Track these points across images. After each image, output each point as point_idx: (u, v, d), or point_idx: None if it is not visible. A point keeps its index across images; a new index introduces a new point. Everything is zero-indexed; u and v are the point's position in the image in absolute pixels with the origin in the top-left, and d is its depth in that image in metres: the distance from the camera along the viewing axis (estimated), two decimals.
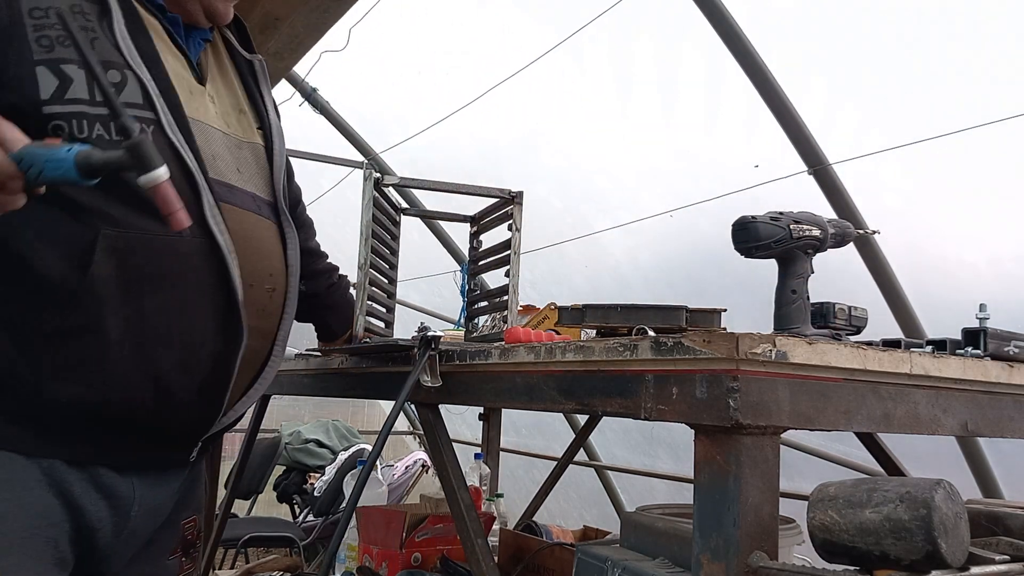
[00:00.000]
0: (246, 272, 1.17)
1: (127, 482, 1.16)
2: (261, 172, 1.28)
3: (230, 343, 1.15)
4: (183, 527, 1.29)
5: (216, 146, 1.19)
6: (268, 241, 1.25)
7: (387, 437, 1.24)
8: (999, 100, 2.31)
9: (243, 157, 1.24)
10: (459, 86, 3.66)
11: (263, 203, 1.26)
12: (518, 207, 1.64)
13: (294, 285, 1.30)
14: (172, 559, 1.29)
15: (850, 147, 2.70)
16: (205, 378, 1.15)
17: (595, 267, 4.05)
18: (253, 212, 1.22)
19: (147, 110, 1.08)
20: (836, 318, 1.32)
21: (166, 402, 1.13)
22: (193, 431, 1.21)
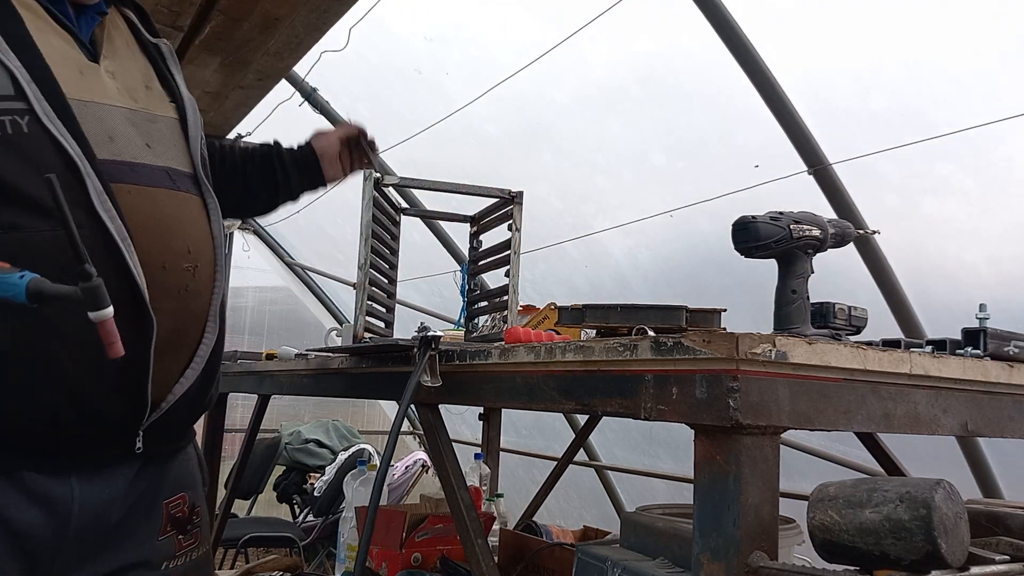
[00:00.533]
0: (155, 253, 1.12)
1: (64, 483, 1.13)
2: (178, 145, 1.24)
3: (139, 332, 1.09)
4: (167, 506, 1.27)
5: (115, 123, 1.15)
6: (186, 216, 1.20)
7: (396, 440, 1.24)
8: (999, 100, 2.32)
9: (156, 131, 1.20)
10: (459, 86, 3.66)
11: (181, 176, 1.21)
12: (518, 207, 1.64)
13: (222, 257, 1.25)
14: (164, 539, 1.26)
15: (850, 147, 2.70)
16: (119, 372, 1.10)
17: (595, 267, 4.04)
18: (166, 187, 1.17)
19: (18, 100, 1.04)
20: (836, 318, 1.32)
21: (80, 403, 1.10)
22: (124, 425, 1.17)
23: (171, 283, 1.15)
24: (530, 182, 3.18)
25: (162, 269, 1.13)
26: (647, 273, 3.83)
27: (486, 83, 3.52)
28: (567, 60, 3.18)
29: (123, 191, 1.10)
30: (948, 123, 2.43)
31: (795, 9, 2.59)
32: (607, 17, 2.90)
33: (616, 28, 2.94)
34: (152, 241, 1.12)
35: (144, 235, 1.11)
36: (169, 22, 2.28)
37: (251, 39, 2.42)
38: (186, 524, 1.31)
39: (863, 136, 2.66)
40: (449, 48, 3.61)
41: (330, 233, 5.62)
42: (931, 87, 2.48)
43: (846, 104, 2.69)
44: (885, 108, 2.59)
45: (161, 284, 1.13)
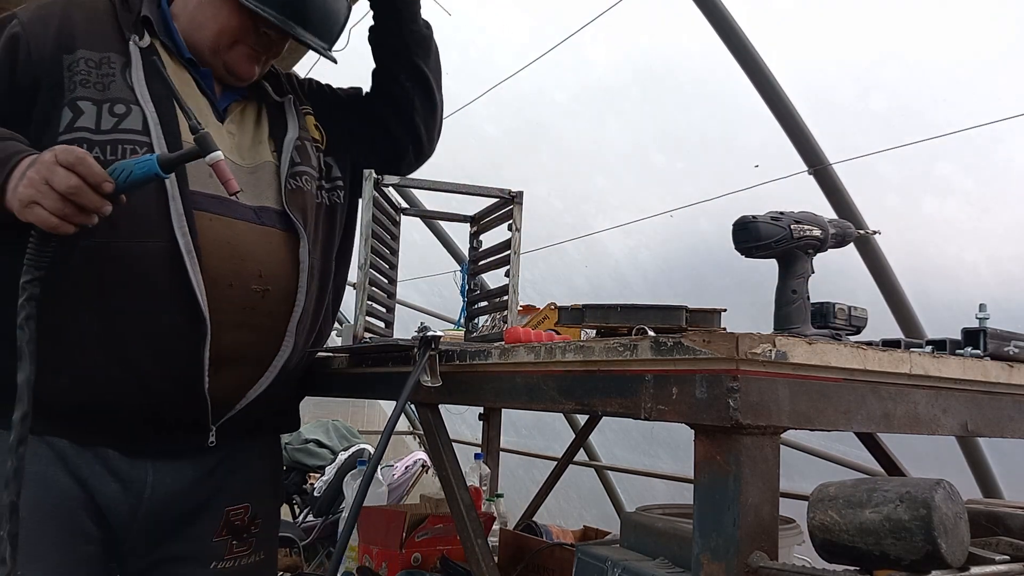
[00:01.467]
0: (223, 271, 1.31)
1: (141, 466, 1.31)
2: (273, 186, 1.44)
3: (194, 333, 1.28)
4: (228, 513, 1.42)
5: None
6: (263, 246, 1.38)
7: (389, 439, 1.25)
8: (999, 100, 2.32)
9: (254, 180, 1.41)
10: (459, 86, 3.66)
11: (269, 212, 1.41)
12: (518, 207, 1.64)
13: (306, 282, 1.42)
14: (218, 541, 1.40)
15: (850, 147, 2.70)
16: (179, 367, 1.28)
17: (595, 267, 4.04)
18: (249, 221, 1.37)
19: (143, 135, 1.28)
20: (836, 318, 1.32)
21: (148, 392, 1.27)
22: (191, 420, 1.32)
23: (237, 299, 1.33)
24: (530, 182, 3.18)
25: (229, 287, 1.32)
26: (647, 273, 3.83)
27: (486, 83, 3.52)
28: (567, 60, 3.18)
29: (204, 217, 1.31)
30: (948, 123, 2.43)
31: (795, 9, 2.59)
32: (607, 17, 2.90)
33: (616, 28, 2.94)
34: (222, 262, 1.31)
35: (215, 256, 1.30)
36: None
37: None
38: (243, 532, 1.44)
39: (863, 136, 2.66)
40: (449, 48, 3.60)
41: None
42: (931, 87, 2.48)
43: (846, 104, 2.69)
44: (885, 108, 2.59)
45: (227, 299, 1.32)
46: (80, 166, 1.10)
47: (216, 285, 1.29)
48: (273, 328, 1.39)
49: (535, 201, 2.79)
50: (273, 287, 1.38)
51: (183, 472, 1.35)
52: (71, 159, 1.10)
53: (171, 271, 1.26)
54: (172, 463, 1.34)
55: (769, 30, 2.61)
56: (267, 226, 1.40)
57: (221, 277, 1.31)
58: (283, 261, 1.41)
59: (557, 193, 3.89)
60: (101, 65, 1.30)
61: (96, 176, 1.11)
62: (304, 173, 1.49)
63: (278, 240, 1.41)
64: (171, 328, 1.27)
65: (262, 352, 1.39)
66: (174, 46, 1.41)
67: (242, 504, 1.43)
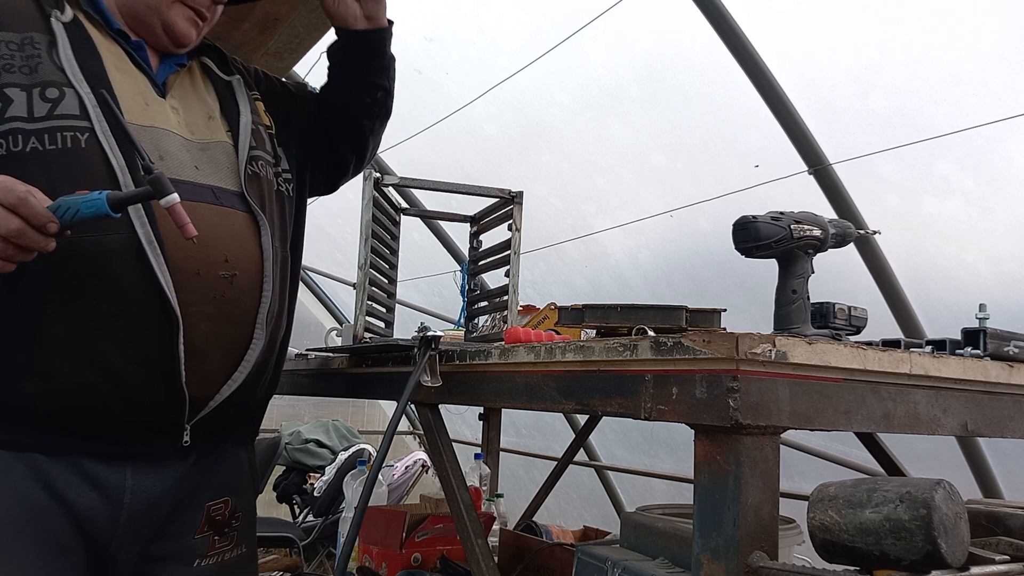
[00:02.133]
0: (188, 259, 1.25)
1: (118, 471, 1.25)
2: (228, 166, 1.36)
3: (168, 326, 1.22)
4: (209, 508, 1.37)
5: (168, 145, 1.29)
6: (226, 228, 1.32)
7: (391, 440, 1.25)
8: (999, 100, 2.31)
9: (206, 156, 1.34)
10: (459, 86, 3.66)
11: (227, 193, 1.34)
12: (518, 207, 1.64)
13: (271, 269, 1.36)
14: (200, 537, 1.36)
15: (850, 147, 2.70)
16: (154, 363, 1.23)
17: (595, 267, 4.04)
18: (208, 202, 1.30)
19: (82, 119, 1.21)
20: (836, 318, 1.32)
21: (124, 392, 1.22)
22: (169, 418, 1.27)
23: (206, 288, 1.27)
24: (530, 182, 3.18)
25: (196, 275, 1.26)
26: (647, 273, 3.82)
27: (486, 83, 3.52)
28: (567, 60, 3.18)
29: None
30: (948, 123, 2.43)
31: (795, 9, 2.59)
32: (607, 17, 2.90)
33: (616, 28, 2.94)
34: (187, 249, 1.24)
35: (179, 244, 1.22)
36: None
37: (251, 39, 2.42)
38: (224, 527, 1.40)
39: (863, 136, 2.65)
40: (449, 48, 3.60)
41: (330, 233, 5.62)
42: (931, 87, 2.48)
43: (846, 104, 2.68)
44: (885, 108, 2.59)
45: (196, 288, 1.25)
46: (22, 207, 1.05)
47: (182, 274, 1.24)
48: (242, 316, 1.33)
49: (535, 201, 2.79)
50: (240, 271, 1.31)
51: (162, 473, 1.30)
52: (12, 200, 1.05)
53: (135, 265, 1.20)
54: (150, 466, 1.29)
55: (769, 30, 2.61)
56: (226, 207, 1.33)
57: (187, 265, 1.25)
58: (246, 243, 1.34)
59: (557, 193, 3.89)
60: (24, 46, 1.21)
61: (39, 217, 1.06)
62: (260, 158, 1.43)
63: (240, 221, 1.34)
64: (141, 324, 1.22)
65: (234, 342, 1.33)
66: (101, 18, 1.32)
67: (222, 499, 1.39)
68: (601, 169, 3.63)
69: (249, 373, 1.34)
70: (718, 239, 3.13)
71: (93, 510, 1.23)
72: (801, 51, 2.66)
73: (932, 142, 2.48)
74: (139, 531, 1.29)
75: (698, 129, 3.13)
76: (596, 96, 3.33)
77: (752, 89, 2.69)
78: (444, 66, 3.66)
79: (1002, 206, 2.54)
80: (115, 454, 1.25)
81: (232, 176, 1.36)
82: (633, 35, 2.97)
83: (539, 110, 3.58)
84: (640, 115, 3.27)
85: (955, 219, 2.67)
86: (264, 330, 1.35)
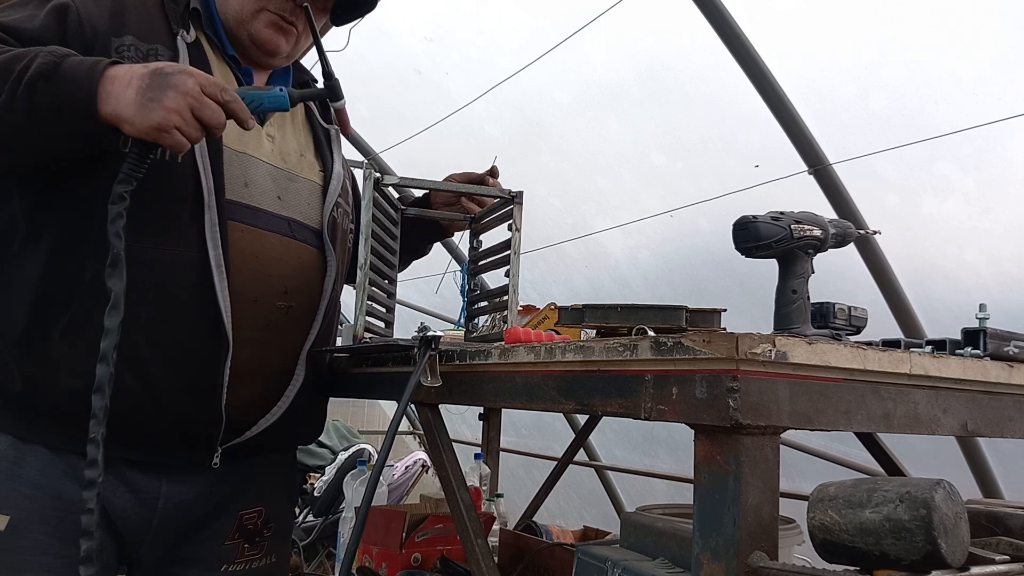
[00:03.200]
0: (249, 286, 1.28)
1: (154, 478, 1.28)
2: (313, 205, 1.43)
3: (216, 347, 1.25)
4: (241, 516, 1.39)
5: (255, 174, 1.33)
6: (292, 261, 1.36)
7: (393, 440, 1.25)
8: (999, 100, 2.31)
9: (292, 189, 1.39)
10: (459, 86, 3.66)
11: (304, 228, 1.39)
12: (518, 207, 1.64)
13: (325, 309, 1.40)
14: (229, 544, 1.38)
15: (850, 147, 2.70)
16: (193, 378, 1.24)
17: (595, 267, 4.04)
18: (282, 234, 1.35)
19: None
20: (836, 318, 1.32)
21: (157, 397, 1.23)
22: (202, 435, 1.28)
23: (260, 315, 1.31)
24: (530, 182, 3.18)
25: (253, 302, 1.30)
26: (647, 273, 3.82)
27: (486, 83, 3.52)
28: (567, 60, 3.18)
29: (236, 228, 1.28)
30: (948, 123, 2.43)
31: (795, 9, 2.59)
32: (607, 17, 2.90)
33: (616, 28, 2.94)
34: (249, 275, 1.28)
35: (243, 268, 1.27)
36: None
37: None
38: (255, 536, 1.42)
39: (863, 136, 2.65)
40: (449, 48, 3.60)
41: None
42: (931, 87, 2.48)
43: (846, 104, 2.68)
44: (885, 108, 2.59)
45: (250, 314, 1.29)
46: (233, 104, 1.12)
47: (240, 300, 1.27)
48: (289, 348, 1.37)
49: (535, 201, 2.79)
50: (297, 304, 1.35)
51: (198, 481, 1.33)
52: (223, 96, 1.11)
53: (196, 283, 1.22)
54: (184, 473, 1.31)
55: (769, 30, 2.61)
56: (298, 240, 1.37)
57: (246, 292, 1.28)
58: (310, 279, 1.39)
59: (557, 193, 3.89)
60: (148, 56, 1.25)
61: (243, 114, 1.13)
62: (341, 207, 1.49)
63: (308, 257, 1.39)
64: (189, 340, 1.24)
65: (276, 373, 1.35)
66: (218, 41, 1.38)
67: (256, 508, 1.41)
68: (601, 169, 3.63)
69: (287, 409, 1.35)
70: (718, 239, 3.13)
71: (127, 511, 1.26)
72: (801, 51, 2.66)
73: (932, 142, 2.48)
74: (169, 534, 1.31)
75: (698, 129, 3.13)
76: (596, 96, 3.33)
77: (752, 89, 2.69)
78: (444, 66, 3.66)
79: (1002, 206, 2.54)
80: (150, 463, 1.27)
81: (313, 212, 1.42)
82: (633, 35, 2.97)
83: (539, 110, 3.58)
84: (640, 115, 3.27)
85: (955, 219, 2.67)
86: (303, 367, 1.38)
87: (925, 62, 2.45)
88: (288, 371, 1.37)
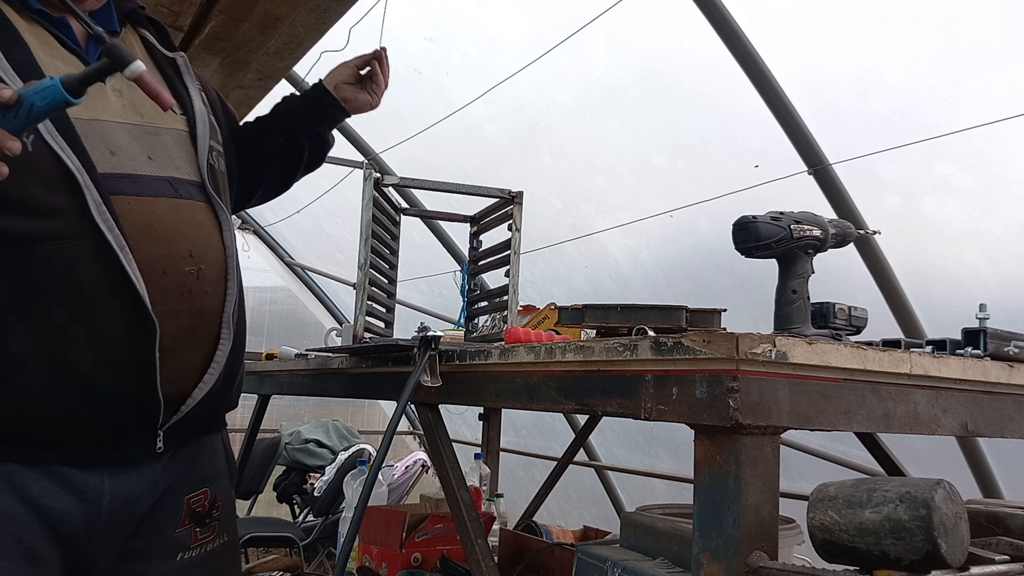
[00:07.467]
0: (155, 259, 1.19)
1: (95, 476, 1.21)
2: (185, 155, 1.30)
3: (143, 332, 1.18)
4: (189, 501, 1.34)
5: (117, 138, 1.21)
6: (187, 221, 1.26)
7: (391, 440, 1.25)
8: (999, 100, 2.31)
9: (159, 143, 1.26)
10: (459, 86, 3.66)
11: (185, 184, 1.28)
12: (518, 207, 1.64)
13: (233, 265, 1.32)
14: (181, 531, 1.33)
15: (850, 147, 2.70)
16: (129, 370, 1.18)
17: (595, 267, 4.04)
18: (167, 196, 1.24)
19: None
20: (836, 318, 1.32)
21: (95, 400, 1.17)
22: (143, 423, 1.23)
23: (173, 286, 1.22)
24: (530, 182, 3.18)
25: (163, 274, 1.20)
26: (647, 273, 3.82)
27: (486, 83, 3.52)
28: (567, 60, 3.18)
29: (122, 202, 1.17)
30: (948, 123, 2.43)
31: (795, 9, 2.59)
32: (607, 17, 2.90)
33: (616, 28, 2.94)
34: (151, 248, 1.19)
35: (143, 242, 1.18)
36: (169, 22, 2.28)
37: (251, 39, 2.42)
38: (204, 518, 1.37)
39: (863, 136, 2.65)
40: (449, 48, 3.60)
41: (330, 233, 5.62)
42: (931, 87, 2.48)
43: (846, 104, 2.68)
44: (885, 108, 2.59)
45: (164, 288, 1.20)
46: None
47: (150, 273, 1.18)
48: (210, 311, 1.28)
49: (535, 201, 2.78)
50: (205, 265, 1.26)
51: (140, 473, 1.26)
52: None
53: (101, 269, 1.14)
54: (126, 467, 1.25)
55: (769, 30, 2.61)
56: (185, 199, 1.26)
57: (153, 266, 1.19)
58: (209, 235, 1.29)
59: (557, 193, 3.89)
60: None
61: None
62: (215, 149, 1.36)
63: (200, 213, 1.28)
64: (113, 330, 1.17)
65: (203, 338, 1.28)
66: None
67: (200, 490, 1.35)
68: (601, 169, 3.63)
69: (220, 374, 1.29)
70: (718, 239, 3.13)
71: (70, 515, 1.19)
72: (801, 51, 2.66)
73: (932, 142, 2.48)
74: (118, 531, 1.26)
75: (698, 129, 3.13)
76: (596, 96, 3.33)
77: (752, 89, 2.69)
78: (444, 66, 3.66)
79: (1002, 206, 2.54)
80: (90, 460, 1.21)
81: (188, 165, 1.29)
82: (633, 35, 2.98)
83: (539, 110, 3.58)
84: (640, 115, 3.27)
85: (955, 219, 2.67)
86: (230, 329, 1.30)
87: (925, 62, 2.45)
88: (214, 336, 1.29)
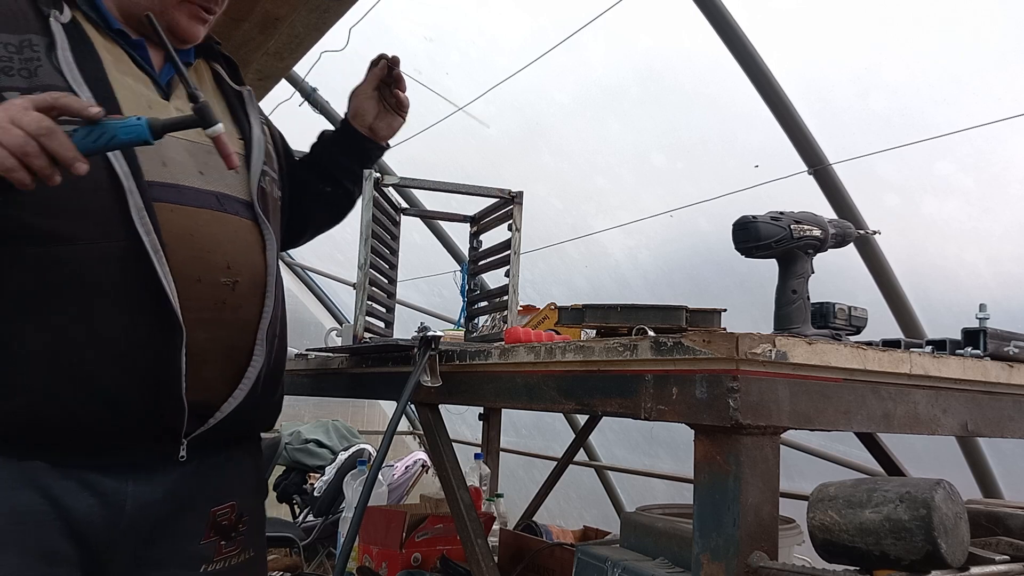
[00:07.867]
0: (190, 267, 1.22)
1: (119, 479, 1.22)
2: (237, 175, 1.34)
3: (167, 337, 1.19)
4: (214, 514, 1.34)
5: (171, 152, 1.26)
6: (228, 235, 1.29)
7: (391, 440, 1.24)
8: (999, 100, 2.31)
9: (213, 161, 1.28)
10: (459, 86, 3.66)
11: (232, 200, 1.32)
12: (518, 207, 1.64)
13: (272, 284, 1.34)
14: (205, 543, 1.33)
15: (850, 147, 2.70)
16: (150, 374, 1.19)
17: (595, 267, 4.04)
18: (212, 208, 1.28)
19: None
20: (836, 318, 1.32)
21: (113, 405, 1.18)
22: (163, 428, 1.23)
23: (206, 295, 1.25)
24: (530, 182, 3.18)
25: (196, 282, 1.23)
26: (647, 273, 3.82)
27: (486, 83, 3.52)
28: (567, 60, 3.18)
29: (165, 209, 1.21)
30: (948, 123, 2.43)
31: (795, 9, 2.59)
32: (607, 17, 2.90)
33: (616, 28, 2.94)
34: (187, 254, 1.22)
35: (180, 249, 1.21)
36: None
37: (251, 39, 2.43)
38: (230, 531, 1.37)
39: (863, 136, 2.65)
40: (449, 48, 3.60)
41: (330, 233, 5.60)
42: (931, 87, 2.48)
43: (846, 104, 2.68)
44: (885, 108, 2.59)
45: (196, 295, 1.23)
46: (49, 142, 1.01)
47: (184, 281, 1.21)
48: (243, 325, 1.30)
49: (535, 201, 2.78)
50: (242, 279, 1.29)
51: (165, 478, 1.27)
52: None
53: (134, 273, 1.16)
54: (150, 471, 1.26)
55: (769, 30, 2.61)
56: (229, 213, 1.31)
57: (188, 273, 1.22)
58: (249, 251, 1.32)
59: (557, 193, 3.89)
60: (23, 49, 1.17)
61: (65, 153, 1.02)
62: (268, 175, 1.42)
63: (243, 229, 1.32)
64: (137, 334, 1.18)
65: (233, 352, 1.29)
66: (100, 18, 1.28)
67: (227, 503, 1.36)
68: (601, 169, 3.63)
69: (251, 390, 1.30)
70: (718, 239, 3.13)
71: (92, 516, 1.20)
72: (801, 51, 2.66)
73: (932, 142, 2.48)
74: (138, 535, 1.26)
75: (698, 129, 3.13)
76: (596, 96, 3.33)
77: (752, 89, 2.69)
78: (444, 66, 3.66)
79: (1002, 206, 2.54)
80: (114, 464, 1.22)
81: (239, 184, 1.34)
82: (633, 35, 2.98)
83: (539, 110, 3.58)
84: (640, 115, 3.27)
85: (955, 219, 2.67)
86: (264, 346, 1.32)
87: (925, 62, 2.45)
88: (247, 351, 1.31)
